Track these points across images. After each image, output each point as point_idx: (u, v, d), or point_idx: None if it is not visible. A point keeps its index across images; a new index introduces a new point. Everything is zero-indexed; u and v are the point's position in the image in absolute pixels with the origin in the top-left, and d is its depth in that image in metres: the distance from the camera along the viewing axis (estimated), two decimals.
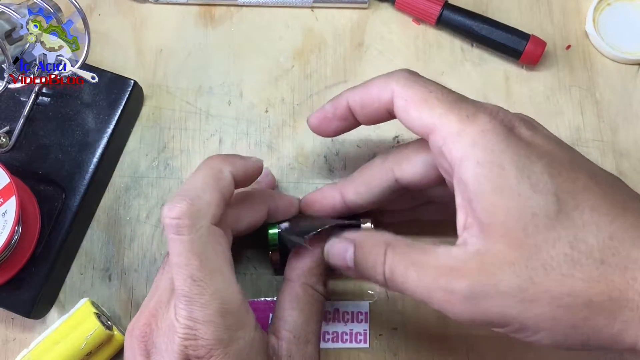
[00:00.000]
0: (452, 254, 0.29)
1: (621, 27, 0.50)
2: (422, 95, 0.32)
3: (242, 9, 0.50)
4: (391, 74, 0.34)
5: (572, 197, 0.28)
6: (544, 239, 0.27)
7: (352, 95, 0.36)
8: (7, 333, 0.42)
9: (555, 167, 0.29)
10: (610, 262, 0.27)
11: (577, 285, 0.27)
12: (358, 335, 0.42)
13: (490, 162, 0.28)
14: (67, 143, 0.43)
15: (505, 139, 0.29)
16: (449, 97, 0.32)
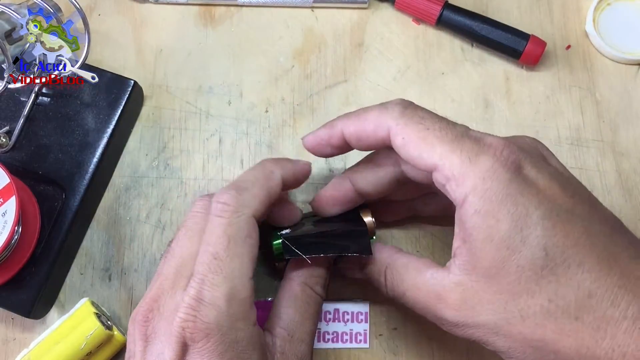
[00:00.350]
0: (439, 280, 0.32)
1: (621, 27, 0.50)
2: (419, 133, 0.32)
3: (242, 9, 0.50)
4: (385, 108, 0.34)
5: (561, 252, 0.28)
6: (525, 289, 0.29)
7: (347, 127, 0.35)
8: (7, 333, 0.42)
9: (551, 218, 0.29)
10: (584, 320, 0.28)
11: (548, 335, 0.28)
12: (358, 335, 0.42)
13: (486, 212, 0.29)
14: (67, 143, 0.43)
15: (506, 187, 0.29)
16: (449, 135, 0.31)
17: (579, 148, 0.47)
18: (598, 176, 0.46)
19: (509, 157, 0.30)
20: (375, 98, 0.47)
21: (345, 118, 0.36)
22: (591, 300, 0.28)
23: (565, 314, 0.28)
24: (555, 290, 0.28)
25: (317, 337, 0.42)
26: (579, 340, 0.28)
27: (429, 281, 0.32)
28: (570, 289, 0.28)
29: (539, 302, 0.28)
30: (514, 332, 0.29)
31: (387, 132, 0.33)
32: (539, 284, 0.28)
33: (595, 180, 0.46)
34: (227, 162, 0.46)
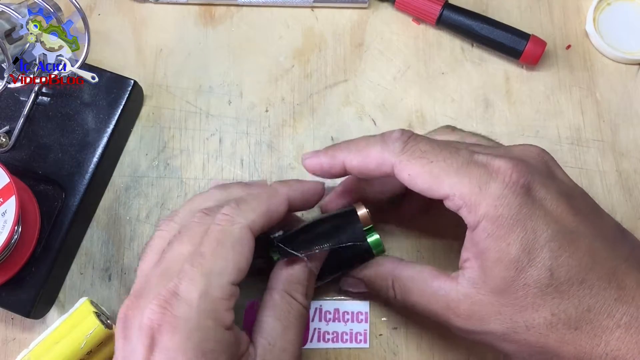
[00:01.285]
0: (447, 291, 0.34)
1: (621, 27, 0.50)
2: (424, 168, 0.33)
3: (242, 8, 0.50)
4: (385, 144, 0.34)
5: (565, 271, 0.31)
6: (531, 304, 0.31)
7: (350, 160, 0.36)
8: (7, 333, 0.42)
9: (557, 240, 0.31)
10: (583, 330, 0.31)
11: (550, 343, 0.31)
12: (358, 335, 0.42)
13: (498, 236, 0.31)
14: (67, 143, 0.43)
15: (516, 213, 0.31)
16: (454, 164, 0.32)
17: (579, 148, 0.47)
18: (598, 176, 0.46)
19: (518, 181, 0.32)
20: (375, 98, 0.47)
21: (346, 150, 0.36)
22: (590, 314, 0.31)
23: (566, 325, 0.31)
24: (558, 305, 0.31)
25: (317, 337, 0.42)
26: (577, 348, 0.31)
27: (437, 292, 0.34)
28: (572, 304, 0.31)
29: (542, 316, 0.31)
30: (520, 339, 0.32)
31: (391, 168, 0.34)
32: (544, 299, 0.31)
33: (595, 180, 0.46)
34: (227, 162, 0.46)
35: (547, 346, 0.31)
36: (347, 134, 0.46)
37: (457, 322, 0.33)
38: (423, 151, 0.33)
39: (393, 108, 0.47)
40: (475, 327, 0.33)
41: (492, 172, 0.32)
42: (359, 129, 0.47)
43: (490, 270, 0.32)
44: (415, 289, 0.35)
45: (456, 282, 0.33)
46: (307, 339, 0.42)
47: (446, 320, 0.34)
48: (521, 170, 0.32)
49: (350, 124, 0.47)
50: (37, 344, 0.39)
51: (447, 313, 0.34)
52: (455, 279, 0.33)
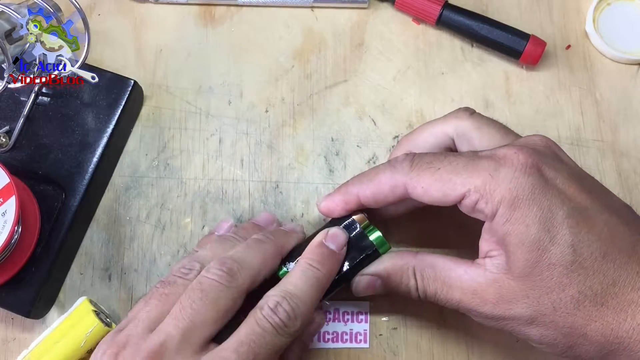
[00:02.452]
0: (473, 277, 0.34)
1: (621, 27, 0.50)
2: (434, 176, 0.34)
3: (242, 8, 0.50)
4: (394, 167, 0.35)
5: (587, 246, 0.31)
6: (557, 283, 0.31)
7: (364, 192, 0.37)
8: (7, 333, 0.42)
9: (574, 216, 0.32)
10: (609, 305, 0.31)
11: (577, 322, 0.32)
12: (358, 335, 0.42)
13: (516, 219, 0.32)
14: (67, 143, 0.43)
15: (531, 192, 0.32)
16: (460, 164, 0.33)
17: (579, 148, 0.47)
18: (598, 176, 0.46)
19: (526, 162, 0.32)
20: (375, 98, 0.47)
21: (358, 183, 0.37)
22: (615, 288, 0.31)
23: (592, 302, 0.31)
24: (584, 281, 0.31)
25: (317, 337, 0.42)
26: (604, 324, 0.31)
27: (463, 277, 0.34)
28: (597, 280, 0.31)
29: (569, 294, 0.31)
30: (547, 321, 0.32)
31: (404, 188, 0.35)
32: (569, 277, 0.31)
33: None
34: (227, 162, 0.46)
35: (574, 326, 0.31)
36: (347, 134, 0.46)
37: (483, 309, 0.33)
38: (428, 162, 0.34)
39: (393, 108, 0.47)
40: (503, 313, 0.33)
41: (499, 160, 0.33)
42: (359, 129, 0.47)
43: (514, 255, 0.32)
44: (438, 275, 0.35)
45: (483, 268, 0.33)
46: None
47: (471, 307, 0.34)
48: (527, 152, 0.33)
49: (350, 124, 0.47)
50: (37, 344, 0.39)
51: (473, 299, 0.34)
52: (481, 265, 0.34)
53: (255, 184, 0.45)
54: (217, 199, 0.45)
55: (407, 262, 0.37)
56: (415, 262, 0.36)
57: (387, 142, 0.46)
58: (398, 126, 0.47)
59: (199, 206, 0.44)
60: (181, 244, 0.44)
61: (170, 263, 0.43)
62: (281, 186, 0.45)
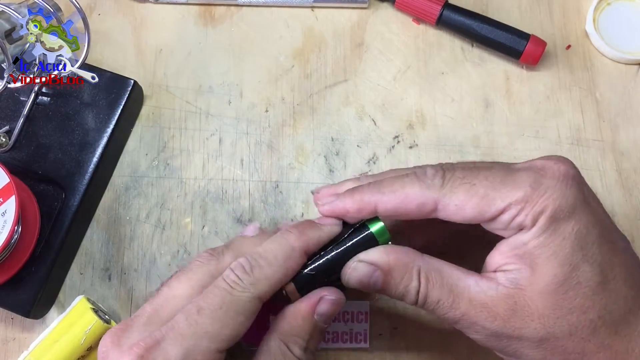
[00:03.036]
0: (484, 289, 0.31)
1: (621, 27, 0.50)
2: (469, 192, 0.31)
3: (242, 8, 0.50)
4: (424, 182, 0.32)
5: (611, 268, 0.30)
6: (580, 304, 0.30)
7: (384, 204, 0.33)
8: (6, 333, 0.42)
9: (604, 236, 0.31)
10: (621, 333, 0.30)
11: (588, 348, 0.30)
12: (358, 335, 0.42)
13: (554, 230, 0.30)
14: (66, 143, 0.43)
15: (572, 205, 0.30)
16: (496, 178, 0.31)
17: (579, 148, 0.47)
18: (598, 176, 0.46)
19: (568, 173, 0.31)
20: (375, 97, 0.47)
21: (378, 193, 0.33)
22: (629, 316, 0.30)
23: (608, 329, 0.30)
24: (605, 306, 0.30)
25: None
26: (613, 353, 0.30)
27: (472, 288, 0.31)
28: (616, 305, 0.30)
29: (589, 318, 0.30)
30: (557, 345, 0.30)
31: (434, 206, 0.32)
32: (593, 299, 0.30)
33: (595, 180, 0.46)
34: (227, 162, 0.46)
35: (584, 352, 0.30)
36: (347, 133, 0.46)
37: (491, 325, 0.31)
38: (462, 177, 0.32)
39: (393, 108, 0.47)
40: (512, 331, 0.31)
41: (538, 171, 0.31)
42: (359, 129, 0.47)
43: (542, 268, 0.30)
44: (445, 282, 0.32)
45: (495, 282, 0.31)
46: None
47: (477, 321, 0.31)
48: (568, 164, 0.31)
49: (350, 124, 0.47)
50: (36, 344, 0.39)
51: (481, 313, 0.31)
52: (492, 279, 0.31)
53: (255, 183, 0.45)
54: (217, 199, 0.45)
55: (414, 260, 0.33)
56: (422, 263, 0.33)
57: (387, 142, 0.46)
58: (398, 126, 0.47)
59: (199, 206, 0.44)
60: (181, 244, 0.43)
61: (170, 263, 0.43)
62: (281, 186, 0.45)
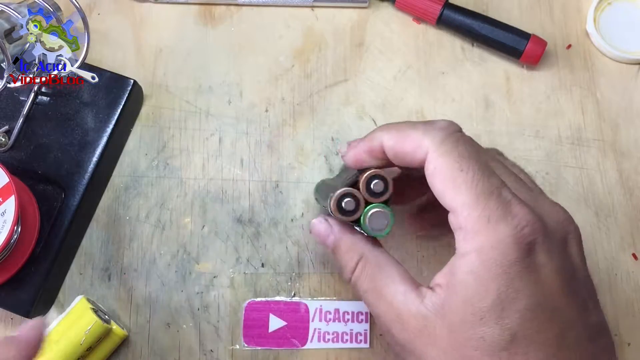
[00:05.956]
0: (407, 301, 0.31)
1: (622, 27, 0.50)
2: (452, 172, 0.30)
3: (242, 8, 0.50)
4: (428, 130, 0.32)
5: (526, 344, 0.29)
6: (478, 357, 0.29)
7: (387, 140, 0.33)
8: (6, 333, 0.42)
9: (535, 312, 0.29)
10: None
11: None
12: (358, 335, 0.42)
13: (479, 278, 0.29)
14: (66, 142, 0.43)
15: (508, 266, 0.29)
16: (479, 186, 0.30)
17: (579, 147, 0.47)
18: (599, 176, 0.46)
19: (526, 237, 0.29)
20: (375, 97, 0.47)
21: (386, 130, 0.34)
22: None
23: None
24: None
25: (317, 337, 0.42)
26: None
27: (397, 297, 0.32)
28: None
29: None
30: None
31: (424, 156, 0.32)
32: (492, 359, 0.29)
33: (596, 180, 0.46)
34: (227, 162, 0.45)
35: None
36: (347, 133, 0.46)
37: (398, 335, 0.32)
38: (460, 155, 0.31)
39: (393, 108, 0.47)
40: (414, 350, 0.31)
41: (508, 214, 0.29)
42: (359, 129, 0.47)
43: (456, 307, 0.30)
44: (377, 279, 0.33)
45: (421, 299, 0.31)
46: (307, 339, 0.42)
47: (389, 327, 0.32)
48: (536, 228, 0.29)
49: (351, 123, 0.47)
50: None
51: (394, 321, 0.32)
52: (421, 295, 0.31)
53: (255, 183, 0.45)
54: (217, 199, 0.45)
55: (363, 246, 0.34)
56: (368, 252, 0.34)
57: None
58: None
59: (199, 206, 0.44)
60: (181, 244, 0.43)
61: (169, 263, 0.43)
62: (281, 186, 0.45)
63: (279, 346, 0.42)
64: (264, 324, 0.42)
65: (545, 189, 0.45)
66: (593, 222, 0.45)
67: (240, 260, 0.43)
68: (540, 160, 0.46)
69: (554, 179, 0.46)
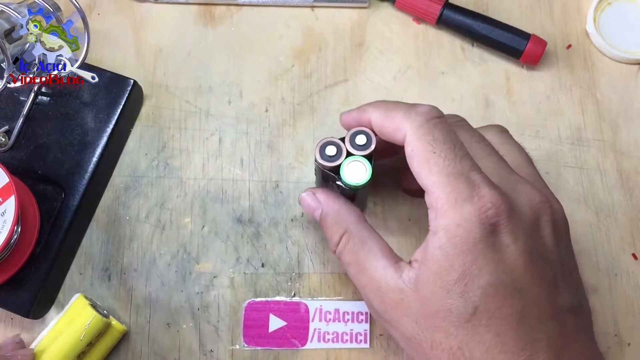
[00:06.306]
0: (386, 276, 0.34)
1: (622, 27, 0.50)
2: (426, 154, 0.32)
3: (242, 8, 0.50)
4: (409, 113, 0.34)
5: (488, 317, 0.31)
6: (445, 327, 0.31)
7: (375, 117, 0.36)
8: (6, 333, 0.42)
9: (496, 287, 0.31)
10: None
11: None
12: (358, 335, 0.42)
13: (446, 253, 0.31)
14: (66, 142, 0.43)
15: (472, 244, 0.31)
16: (450, 167, 0.32)
17: (579, 147, 0.47)
18: (599, 176, 0.46)
19: (490, 218, 0.31)
20: (375, 97, 0.47)
21: (375, 107, 0.36)
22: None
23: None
24: (467, 342, 0.31)
25: (317, 337, 0.42)
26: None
27: (378, 270, 0.34)
28: (479, 348, 0.31)
29: (449, 344, 0.31)
30: (421, 352, 0.33)
31: (404, 137, 0.34)
32: (457, 329, 0.31)
33: (596, 180, 0.46)
34: (227, 162, 0.45)
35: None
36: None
37: (377, 306, 0.34)
38: (434, 138, 0.33)
39: None
40: (391, 320, 0.33)
41: (474, 195, 0.31)
42: None
43: (426, 280, 0.32)
44: (359, 252, 0.35)
45: (399, 274, 0.33)
46: (307, 339, 0.42)
47: (369, 298, 0.34)
48: (501, 210, 0.31)
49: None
50: (36, 344, 0.39)
51: (373, 293, 0.34)
52: (400, 270, 0.33)
53: (255, 183, 0.45)
54: (217, 199, 0.45)
55: (347, 221, 0.37)
56: (352, 227, 0.36)
57: None
58: None
59: (199, 206, 0.44)
60: (181, 244, 0.43)
61: (169, 263, 0.43)
62: (281, 186, 0.45)
63: (279, 346, 0.42)
64: (264, 324, 0.42)
65: None
66: (593, 222, 0.45)
67: (240, 260, 0.43)
68: (540, 160, 0.46)
69: (554, 179, 0.46)
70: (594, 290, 0.43)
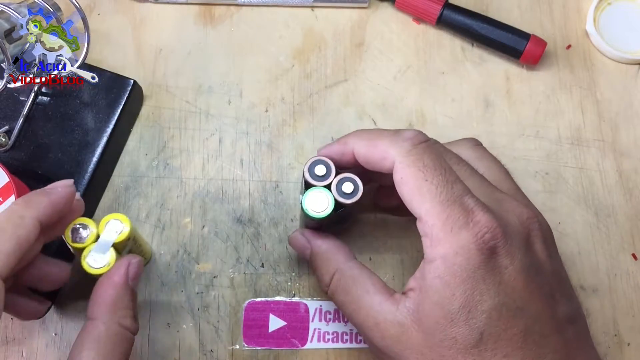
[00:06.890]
0: (383, 311, 0.33)
1: (622, 27, 0.50)
2: (417, 182, 0.32)
3: (242, 8, 0.50)
4: (396, 140, 0.33)
5: (494, 340, 0.30)
6: (451, 356, 0.31)
7: (359, 148, 0.35)
8: (6, 333, 0.42)
9: (500, 311, 0.31)
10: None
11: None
12: (358, 335, 0.42)
13: (447, 282, 0.31)
14: (66, 142, 0.43)
15: (472, 270, 0.31)
16: (443, 194, 0.31)
17: (579, 148, 0.47)
18: (598, 176, 0.46)
19: (488, 242, 0.31)
20: (375, 97, 0.47)
21: (358, 137, 0.36)
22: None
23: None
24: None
25: (317, 337, 0.42)
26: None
27: (374, 307, 0.33)
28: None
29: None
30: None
31: (392, 166, 0.33)
32: (465, 356, 0.31)
33: (595, 180, 0.46)
34: (227, 162, 0.45)
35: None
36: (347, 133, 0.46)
37: (378, 342, 0.33)
38: (424, 165, 0.32)
39: (393, 108, 0.47)
40: (395, 355, 0.33)
41: (470, 221, 0.31)
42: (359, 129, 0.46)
43: (428, 311, 0.31)
44: (352, 291, 0.35)
45: (396, 307, 0.33)
46: (307, 339, 0.42)
47: (368, 336, 0.34)
48: (496, 233, 0.31)
49: (351, 123, 0.47)
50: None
51: (372, 330, 0.33)
52: (396, 302, 0.33)
53: (255, 183, 0.45)
54: (217, 199, 0.45)
55: (336, 261, 0.36)
56: (342, 266, 0.36)
57: None
58: (398, 126, 0.47)
59: (199, 206, 0.44)
60: (181, 244, 0.43)
61: (169, 263, 0.43)
62: (281, 186, 0.45)
63: (278, 346, 0.42)
64: (264, 324, 0.42)
65: (545, 189, 0.45)
66: (593, 222, 0.45)
67: (240, 260, 0.43)
68: (540, 160, 0.46)
69: (554, 179, 0.46)
70: (594, 290, 0.43)
